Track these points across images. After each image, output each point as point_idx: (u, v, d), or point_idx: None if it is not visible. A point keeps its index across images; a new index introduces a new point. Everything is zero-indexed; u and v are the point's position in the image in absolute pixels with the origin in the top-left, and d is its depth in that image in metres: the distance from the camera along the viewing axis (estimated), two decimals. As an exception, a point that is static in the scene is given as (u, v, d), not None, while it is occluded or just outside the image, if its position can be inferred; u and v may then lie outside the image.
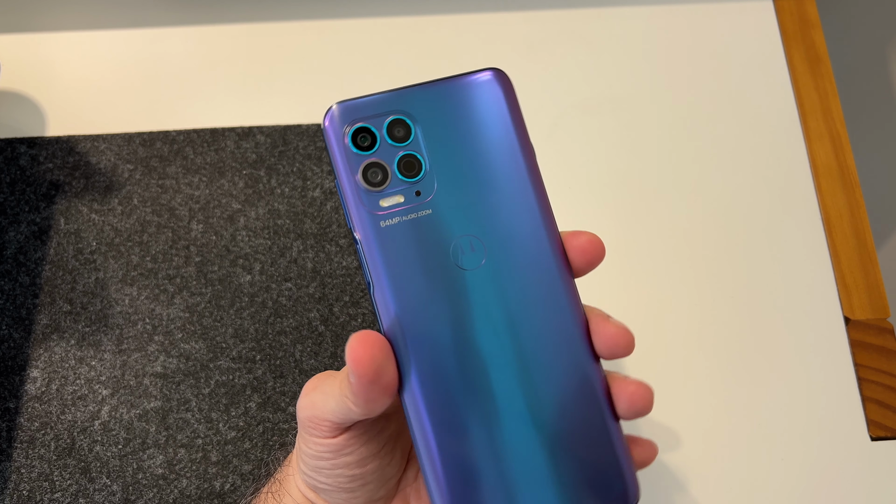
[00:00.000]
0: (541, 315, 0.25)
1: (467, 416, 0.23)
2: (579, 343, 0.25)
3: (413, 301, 0.24)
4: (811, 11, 0.51)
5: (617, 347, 0.24)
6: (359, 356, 0.22)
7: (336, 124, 0.25)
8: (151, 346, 0.41)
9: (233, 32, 0.50)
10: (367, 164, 0.25)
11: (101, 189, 0.44)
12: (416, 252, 0.24)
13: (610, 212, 0.46)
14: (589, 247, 0.25)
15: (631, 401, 0.24)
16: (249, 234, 0.44)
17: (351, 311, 0.42)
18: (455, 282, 0.24)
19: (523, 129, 0.26)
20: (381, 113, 0.25)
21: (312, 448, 0.26)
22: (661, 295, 0.44)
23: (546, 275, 0.25)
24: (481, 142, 0.25)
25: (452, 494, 0.23)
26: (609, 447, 0.24)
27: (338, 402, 0.24)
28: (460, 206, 0.25)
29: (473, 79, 0.26)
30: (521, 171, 0.25)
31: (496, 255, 0.25)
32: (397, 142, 0.25)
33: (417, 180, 0.25)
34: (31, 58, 0.48)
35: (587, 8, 0.51)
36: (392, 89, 0.25)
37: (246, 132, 0.46)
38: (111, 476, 0.38)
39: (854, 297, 0.44)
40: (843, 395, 0.41)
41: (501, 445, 0.23)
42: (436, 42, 0.50)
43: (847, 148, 0.47)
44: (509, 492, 0.23)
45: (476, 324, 0.24)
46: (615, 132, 0.48)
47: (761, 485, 0.39)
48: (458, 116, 0.25)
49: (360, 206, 0.24)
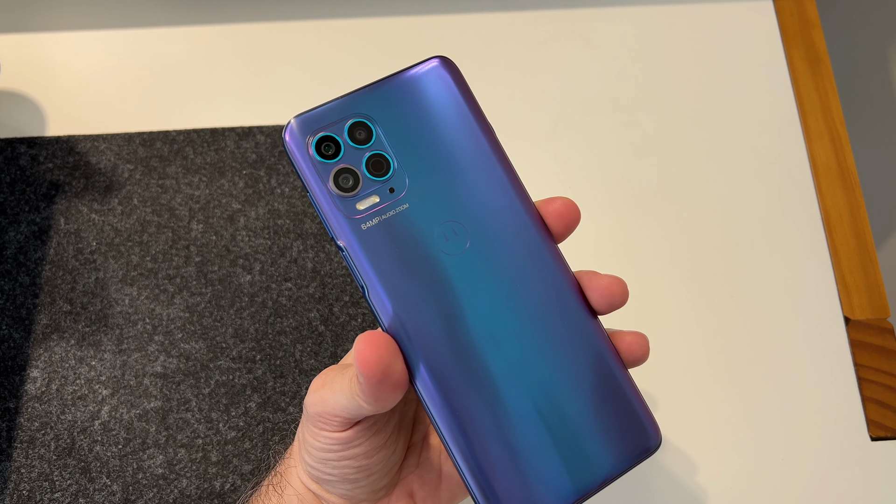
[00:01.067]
0: (533, 283, 0.25)
1: (483, 392, 0.24)
2: (575, 302, 0.25)
3: (408, 295, 0.24)
4: (811, 11, 0.51)
5: (613, 297, 0.25)
6: (366, 358, 0.22)
7: (297, 138, 0.25)
8: (151, 346, 0.41)
9: (233, 32, 0.50)
10: (337, 170, 0.25)
11: (101, 189, 0.44)
12: (401, 247, 0.25)
13: (610, 212, 0.46)
14: (564, 210, 0.26)
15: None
16: (249, 234, 0.44)
17: (351, 311, 0.42)
18: (445, 268, 0.25)
19: (478, 109, 0.27)
20: (339, 119, 0.25)
21: (321, 441, 0.26)
22: (661, 295, 0.44)
23: (530, 244, 0.26)
24: (441, 129, 0.26)
25: (485, 470, 0.23)
26: (625, 398, 0.25)
27: (349, 400, 0.24)
28: (435, 195, 0.25)
29: (421, 69, 0.27)
30: (485, 150, 0.26)
31: (478, 235, 0.25)
32: (361, 144, 0.25)
33: (388, 178, 0.25)
34: (31, 58, 0.48)
35: (587, 8, 0.51)
36: (345, 94, 0.26)
37: (246, 132, 0.46)
38: (111, 476, 0.38)
39: (854, 297, 0.44)
40: (843, 395, 0.41)
41: (522, 414, 0.24)
42: (436, 42, 0.50)
43: (847, 148, 0.47)
44: (538, 457, 0.24)
45: (473, 303, 0.24)
46: (615, 132, 0.48)
47: (761, 485, 0.39)
48: (414, 109, 0.26)
49: (338, 213, 0.25)
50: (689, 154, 0.47)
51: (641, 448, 0.25)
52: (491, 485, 0.23)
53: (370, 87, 0.26)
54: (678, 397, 0.41)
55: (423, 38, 0.50)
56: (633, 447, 0.25)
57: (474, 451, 0.23)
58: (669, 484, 0.39)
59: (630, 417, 0.25)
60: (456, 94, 0.26)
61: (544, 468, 0.24)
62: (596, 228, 0.45)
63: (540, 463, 0.24)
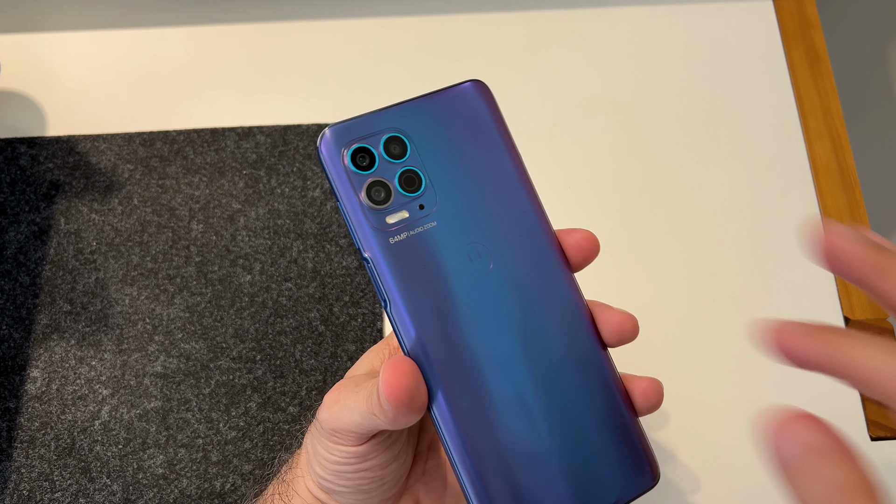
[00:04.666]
0: (550, 313, 0.25)
1: (493, 416, 0.24)
2: (588, 335, 0.26)
3: (430, 315, 0.24)
4: (811, 11, 0.51)
5: (624, 333, 0.26)
6: (394, 388, 0.23)
7: (332, 147, 0.25)
8: (151, 346, 0.41)
9: (233, 32, 0.50)
10: (370, 182, 0.25)
11: (101, 189, 0.45)
12: (426, 265, 0.25)
13: (610, 212, 0.46)
14: (584, 243, 0.26)
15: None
16: (249, 234, 0.44)
17: (351, 311, 0.42)
18: (467, 289, 0.25)
19: (508, 134, 0.27)
20: (375, 132, 0.25)
21: (336, 455, 0.26)
22: (661, 295, 0.44)
23: (550, 273, 0.26)
24: (472, 151, 0.26)
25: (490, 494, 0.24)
26: (627, 432, 0.25)
27: (364, 417, 0.24)
28: (463, 216, 0.25)
29: (457, 91, 0.27)
30: (512, 175, 0.26)
31: (501, 259, 0.25)
32: (395, 158, 0.25)
33: (419, 194, 0.25)
34: (31, 58, 0.48)
35: (587, 8, 0.51)
36: (380, 108, 0.26)
37: (246, 132, 0.46)
38: (111, 476, 0.38)
39: (854, 297, 0.44)
40: (843, 395, 0.41)
41: (530, 440, 0.24)
42: (436, 42, 0.50)
43: (847, 148, 0.47)
44: (542, 484, 0.24)
45: (491, 327, 0.25)
46: (615, 132, 0.48)
47: (761, 485, 0.39)
48: (448, 129, 0.26)
49: (367, 224, 0.25)
50: (689, 154, 0.47)
51: (638, 483, 0.25)
52: None
53: (406, 103, 0.26)
54: (677, 397, 0.41)
55: (424, 39, 0.50)
56: (629, 482, 0.25)
57: (480, 475, 0.24)
58: (670, 484, 0.39)
59: (631, 453, 0.25)
60: (488, 118, 0.27)
61: (545, 496, 0.24)
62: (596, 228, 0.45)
63: (541, 491, 0.24)
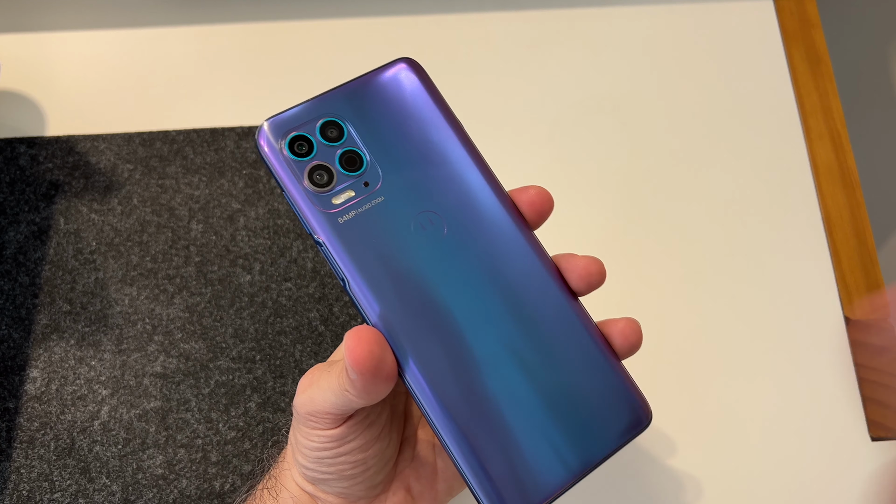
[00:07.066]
0: (512, 267, 0.26)
1: (471, 378, 0.24)
2: (555, 285, 0.26)
3: (389, 285, 0.25)
4: (811, 11, 0.51)
5: (591, 276, 0.26)
6: (357, 355, 0.22)
7: (270, 139, 0.26)
8: (151, 346, 0.41)
9: (233, 32, 0.50)
10: (311, 167, 0.25)
11: (101, 189, 0.44)
12: (379, 239, 0.25)
13: (610, 211, 0.46)
14: (537, 199, 0.26)
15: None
16: (249, 234, 0.44)
17: (351, 310, 0.42)
18: (424, 257, 0.25)
19: (445, 105, 0.27)
20: (310, 119, 0.26)
21: (315, 441, 0.26)
22: (661, 294, 0.44)
23: (506, 231, 0.26)
24: (410, 125, 0.27)
25: (478, 456, 0.24)
26: (612, 376, 0.25)
27: (338, 396, 0.24)
28: (409, 187, 0.26)
29: (388, 69, 0.27)
30: (454, 143, 0.27)
31: (455, 224, 0.26)
32: (333, 141, 0.26)
33: (362, 172, 0.26)
34: (31, 58, 0.48)
35: (587, 8, 0.51)
36: (314, 97, 0.26)
37: (246, 132, 0.46)
38: (111, 476, 0.38)
39: (854, 297, 0.44)
40: (843, 395, 0.41)
41: (512, 398, 0.24)
42: (436, 42, 0.50)
43: (847, 148, 0.47)
44: (531, 440, 0.24)
45: (454, 290, 0.25)
46: (615, 132, 0.48)
47: (761, 485, 0.39)
48: (383, 107, 0.27)
49: (314, 208, 0.25)
50: (689, 154, 0.47)
51: (632, 424, 0.25)
52: (485, 469, 0.23)
53: (338, 88, 0.27)
54: (677, 397, 0.41)
55: (424, 38, 0.50)
56: (623, 424, 0.25)
57: (466, 438, 0.24)
58: (669, 484, 0.39)
59: (619, 394, 0.25)
60: (422, 92, 0.27)
61: (538, 451, 0.24)
62: (596, 228, 0.45)
63: (533, 446, 0.24)
